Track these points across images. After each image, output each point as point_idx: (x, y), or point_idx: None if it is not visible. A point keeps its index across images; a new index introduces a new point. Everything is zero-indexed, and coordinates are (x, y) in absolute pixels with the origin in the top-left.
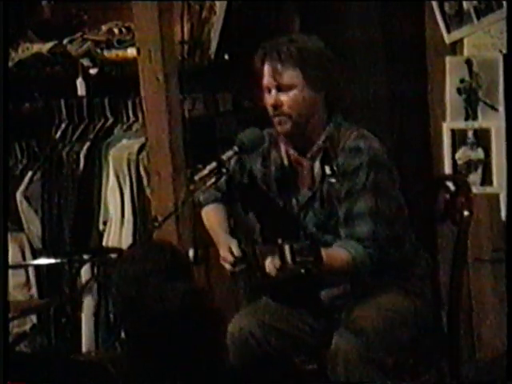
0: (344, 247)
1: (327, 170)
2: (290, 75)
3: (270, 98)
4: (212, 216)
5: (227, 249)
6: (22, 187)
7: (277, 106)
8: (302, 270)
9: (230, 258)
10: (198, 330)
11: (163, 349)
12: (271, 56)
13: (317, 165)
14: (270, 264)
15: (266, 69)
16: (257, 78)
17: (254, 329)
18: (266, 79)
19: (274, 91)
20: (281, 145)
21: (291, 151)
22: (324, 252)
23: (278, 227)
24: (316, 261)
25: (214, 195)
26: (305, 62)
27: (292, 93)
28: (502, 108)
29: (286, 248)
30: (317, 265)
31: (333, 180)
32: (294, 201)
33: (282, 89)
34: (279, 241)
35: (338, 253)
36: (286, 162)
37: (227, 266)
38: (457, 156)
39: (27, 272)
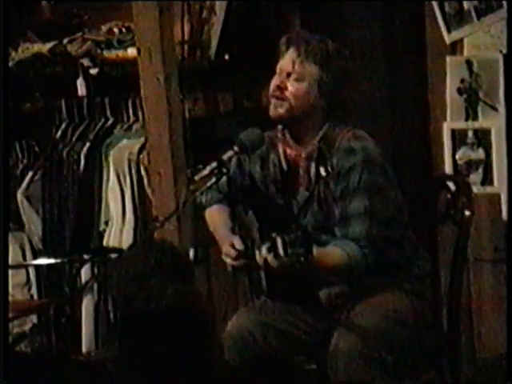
0: (339, 246)
1: (322, 171)
2: (307, 68)
3: (277, 79)
4: (215, 216)
5: (230, 244)
6: (23, 187)
7: (280, 87)
8: (297, 265)
9: (232, 252)
10: (197, 330)
11: (162, 348)
12: (299, 45)
13: (313, 165)
14: (264, 257)
15: (289, 54)
16: (273, 59)
17: (253, 328)
18: (284, 62)
19: (284, 75)
20: (279, 146)
21: (289, 151)
22: (319, 250)
23: (277, 227)
24: (306, 252)
25: (216, 196)
26: (326, 65)
27: (300, 84)
28: (502, 108)
29: (278, 240)
30: (307, 257)
31: (328, 181)
32: (293, 202)
33: (293, 77)
34: (273, 234)
35: (332, 251)
36: (284, 164)
37: (229, 261)
38: (457, 156)
39: (27, 272)
